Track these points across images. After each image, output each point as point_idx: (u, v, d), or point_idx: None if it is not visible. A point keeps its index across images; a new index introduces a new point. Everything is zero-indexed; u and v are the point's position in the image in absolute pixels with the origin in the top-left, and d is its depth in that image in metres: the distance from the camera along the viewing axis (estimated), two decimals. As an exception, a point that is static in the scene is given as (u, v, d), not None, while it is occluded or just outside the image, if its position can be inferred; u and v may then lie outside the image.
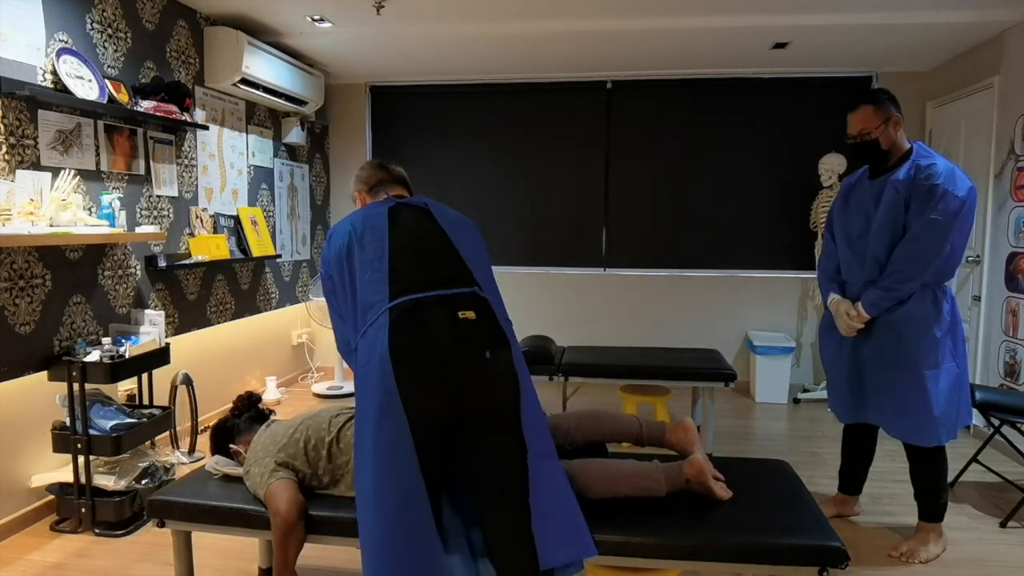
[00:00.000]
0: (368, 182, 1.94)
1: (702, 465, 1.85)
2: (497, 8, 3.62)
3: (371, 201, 1.92)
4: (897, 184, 2.37)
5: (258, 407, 2.26)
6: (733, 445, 3.76)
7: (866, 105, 2.42)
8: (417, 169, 5.36)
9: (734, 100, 4.98)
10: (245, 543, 2.57)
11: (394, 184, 1.95)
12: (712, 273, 5.11)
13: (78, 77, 2.82)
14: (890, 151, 2.43)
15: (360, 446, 1.55)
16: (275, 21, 3.86)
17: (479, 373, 1.52)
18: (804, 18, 3.73)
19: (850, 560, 1.64)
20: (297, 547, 1.81)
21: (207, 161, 3.88)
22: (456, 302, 1.59)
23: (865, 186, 2.53)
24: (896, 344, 2.40)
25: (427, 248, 1.69)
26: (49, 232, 2.53)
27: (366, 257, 1.66)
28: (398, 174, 1.97)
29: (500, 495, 1.51)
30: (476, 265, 1.72)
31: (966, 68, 4.25)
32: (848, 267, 2.57)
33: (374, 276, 1.63)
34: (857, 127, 2.44)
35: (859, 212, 2.53)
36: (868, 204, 2.49)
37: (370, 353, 1.55)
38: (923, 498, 2.49)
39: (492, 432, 1.52)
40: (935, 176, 2.29)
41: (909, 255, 2.33)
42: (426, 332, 1.53)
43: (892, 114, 2.40)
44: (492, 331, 1.59)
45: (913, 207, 2.33)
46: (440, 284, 1.62)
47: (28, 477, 2.72)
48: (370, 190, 1.94)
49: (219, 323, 4.05)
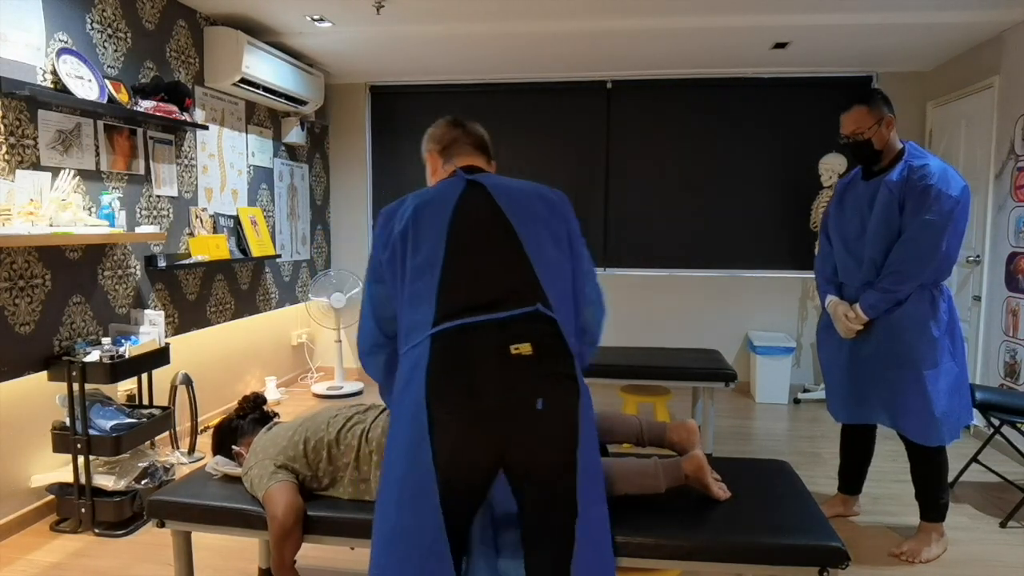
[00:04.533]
0: (441, 141, 1.69)
1: (701, 461, 1.85)
2: (497, 8, 3.62)
3: (443, 167, 1.68)
4: (891, 185, 2.37)
5: (262, 409, 2.25)
6: (733, 445, 3.76)
7: (859, 105, 2.40)
8: (417, 169, 5.36)
9: (734, 100, 4.98)
10: (245, 543, 2.57)
11: (470, 149, 1.67)
12: (712, 273, 5.11)
13: (78, 77, 2.82)
14: (883, 151, 2.43)
15: (387, 478, 1.42)
16: (275, 21, 3.86)
17: (527, 428, 1.34)
18: (804, 18, 3.73)
19: (850, 560, 1.64)
20: (294, 549, 1.81)
21: (207, 161, 3.88)
22: (511, 332, 1.37)
23: (860, 187, 2.52)
24: (895, 345, 2.40)
25: (487, 251, 1.46)
26: (49, 232, 2.53)
27: (419, 260, 1.45)
28: (476, 135, 1.69)
29: (541, 541, 1.40)
30: (547, 265, 1.47)
31: (966, 68, 4.25)
32: (845, 269, 2.57)
33: (423, 287, 1.43)
34: (850, 127, 2.43)
35: (854, 213, 2.52)
36: (863, 205, 2.49)
37: (405, 386, 1.40)
38: (924, 498, 2.50)
39: (538, 484, 1.38)
40: (929, 176, 2.29)
41: (906, 256, 2.33)
42: (470, 372, 1.34)
43: (885, 114, 2.39)
44: (550, 369, 1.38)
45: (908, 208, 2.33)
46: (495, 305, 1.39)
47: (28, 477, 2.72)
48: (443, 150, 1.68)
49: (219, 323, 4.05)
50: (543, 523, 1.39)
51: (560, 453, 1.37)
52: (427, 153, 1.72)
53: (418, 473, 1.34)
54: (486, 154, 1.70)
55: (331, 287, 4.91)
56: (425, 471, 1.33)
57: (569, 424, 1.38)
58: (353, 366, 5.51)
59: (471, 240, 1.46)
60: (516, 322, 1.38)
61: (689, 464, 1.85)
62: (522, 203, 1.52)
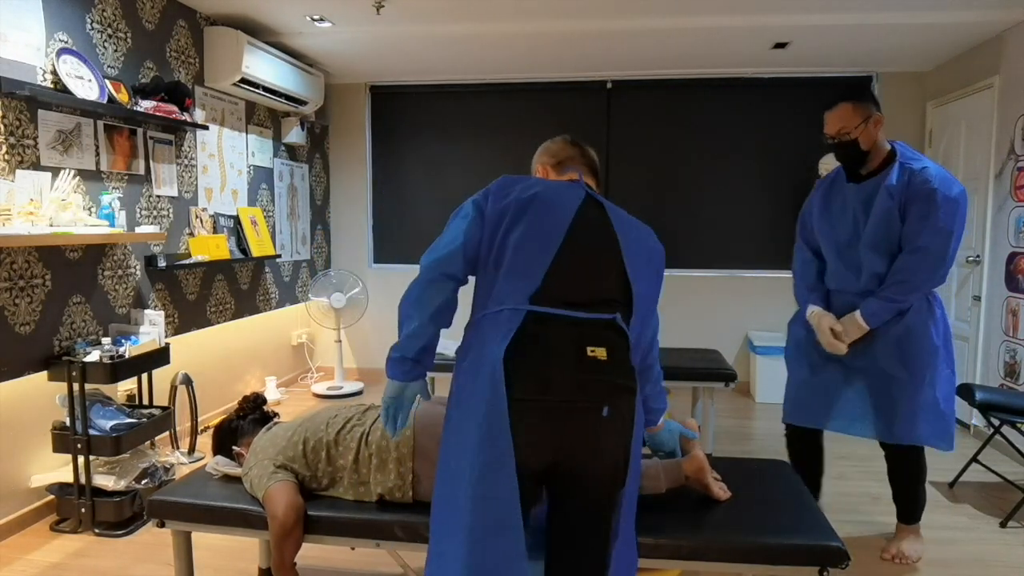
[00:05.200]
0: (557, 156, 1.72)
1: (702, 462, 1.85)
2: (497, 8, 3.62)
3: (556, 177, 1.71)
4: (891, 190, 2.24)
5: (263, 409, 2.25)
6: (733, 445, 3.76)
7: (844, 103, 2.26)
8: (417, 169, 5.36)
9: (734, 100, 4.98)
10: (245, 543, 2.57)
11: (585, 171, 1.71)
12: (712, 273, 5.11)
13: (78, 77, 2.82)
14: (870, 152, 2.29)
15: (450, 449, 1.41)
16: (275, 21, 3.86)
17: (591, 432, 1.36)
18: (804, 18, 3.73)
19: (850, 560, 1.64)
20: (294, 549, 1.81)
21: (207, 161, 3.88)
22: (588, 332, 1.39)
23: (849, 190, 2.38)
24: (898, 354, 2.31)
25: (597, 258, 1.49)
26: (49, 232, 2.53)
27: (531, 236, 1.47)
28: (591, 159, 1.74)
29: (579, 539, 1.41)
30: (639, 293, 1.52)
31: (966, 68, 4.25)
32: (838, 277, 2.43)
33: (528, 263, 1.45)
34: (835, 126, 2.28)
35: (844, 218, 2.38)
36: (855, 210, 2.35)
37: (482, 346, 1.40)
38: (909, 501, 2.46)
39: (585, 490, 1.39)
40: (931, 180, 2.20)
41: (916, 266, 2.22)
42: (546, 363, 1.36)
43: (873, 112, 2.25)
44: (619, 377, 1.39)
45: (912, 214, 2.22)
46: (584, 306, 1.43)
47: (28, 477, 2.72)
48: (556, 165, 1.72)
49: (219, 323, 4.05)
50: (583, 526, 1.40)
51: (613, 464, 1.39)
52: (539, 166, 1.74)
53: (497, 445, 1.33)
54: (596, 178, 1.74)
55: (331, 287, 4.91)
56: (504, 443, 1.32)
57: (626, 436, 1.40)
58: (353, 366, 5.52)
59: (587, 242, 1.50)
60: (594, 325, 1.41)
61: (690, 465, 1.85)
62: (632, 234, 1.57)
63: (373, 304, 5.39)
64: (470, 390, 1.39)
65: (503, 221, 1.49)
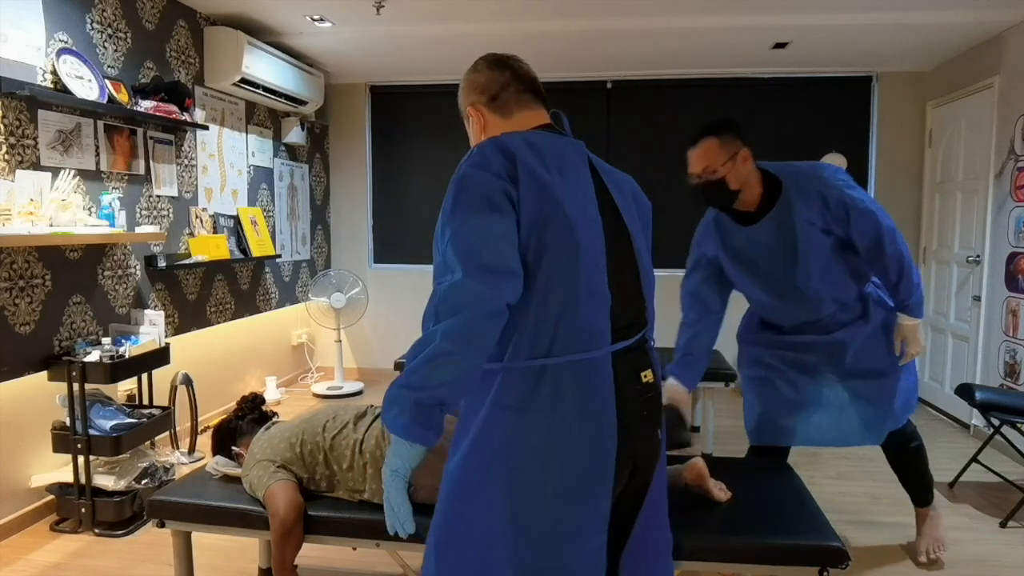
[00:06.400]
0: (487, 89, 1.36)
1: (702, 469, 1.86)
2: (497, 8, 3.62)
3: (498, 120, 1.36)
4: (813, 221, 2.02)
5: (261, 409, 2.25)
6: (733, 445, 3.76)
7: (709, 138, 2.03)
8: (417, 169, 5.36)
9: (734, 100, 4.98)
10: (245, 543, 2.57)
11: (531, 96, 1.37)
12: (712, 273, 5.10)
13: (78, 77, 2.82)
14: (741, 190, 2.05)
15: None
16: (275, 21, 3.86)
17: (652, 457, 1.30)
18: (804, 18, 3.73)
19: (850, 560, 1.64)
20: (295, 548, 1.81)
21: (207, 161, 3.88)
22: (638, 356, 1.26)
23: (751, 234, 2.11)
24: (880, 352, 2.20)
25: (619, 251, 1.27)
26: (49, 232, 2.53)
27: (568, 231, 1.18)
28: (530, 75, 1.39)
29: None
30: (647, 279, 1.33)
31: (966, 68, 4.25)
32: (787, 314, 2.23)
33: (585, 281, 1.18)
34: (699, 164, 2.04)
35: (767, 261, 2.12)
36: (772, 251, 2.09)
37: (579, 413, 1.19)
38: (919, 483, 2.43)
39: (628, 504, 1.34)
40: (831, 189, 2.01)
41: (895, 252, 2.03)
42: (620, 397, 1.22)
43: (739, 148, 2.03)
44: (660, 396, 1.31)
45: (842, 228, 2.04)
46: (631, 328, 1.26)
47: (28, 477, 2.72)
48: (492, 100, 1.35)
49: (219, 323, 4.05)
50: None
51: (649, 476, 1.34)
52: (470, 109, 1.39)
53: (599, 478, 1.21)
54: (544, 101, 1.39)
55: (331, 287, 4.91)
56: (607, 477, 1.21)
57: (661, 450, 1.36)
58: (353, 366, 5.52)
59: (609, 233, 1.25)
60: (639, 347, 1.28)
61: (690, 472, 1.86)
62: (628, 202, 1.34)
63: (373, 304, 5.39)
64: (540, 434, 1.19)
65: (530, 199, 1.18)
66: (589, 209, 1.23)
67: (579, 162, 1.28)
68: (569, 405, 1.18)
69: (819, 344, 2.23)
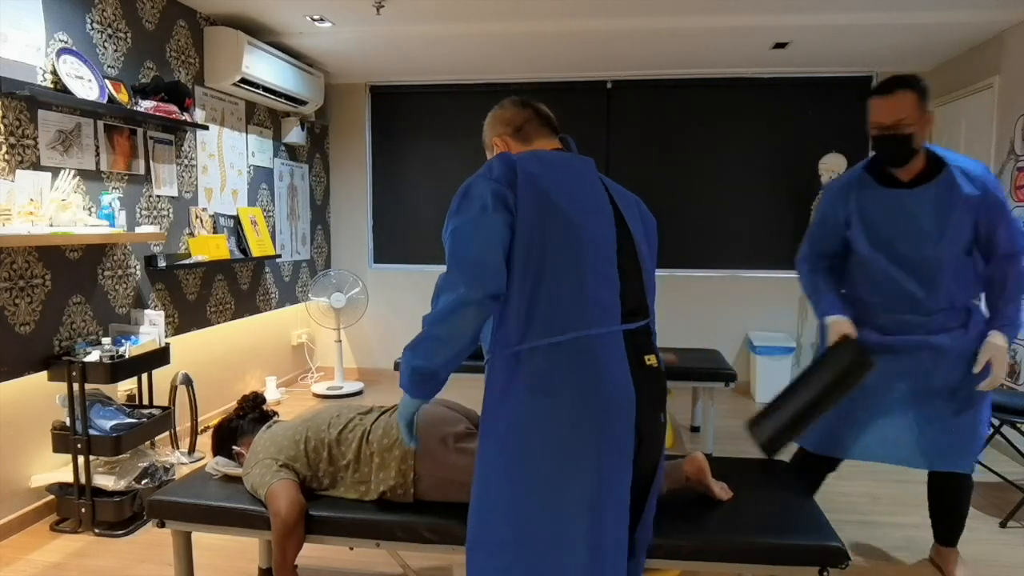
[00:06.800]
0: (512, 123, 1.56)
1: (702, 463, 1.85)
2: (497, 8, 3.62)
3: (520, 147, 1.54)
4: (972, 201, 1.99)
5: (262, 408, 2.26)
6: (733, 445, 3.76)
7: (908, 91, 1.93)
8: (417, 169, 5.36)
9: (734, 100, 4.98)
10: (245, 543, 2.57)
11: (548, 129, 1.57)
12: (712, 273, 5.11)
13: (78, 77, 2.82)
14: (917, 152, 2.00)
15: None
16: (275, 21, 3.86)
17: (656, 442, 1.39)
18: (804, 18, 3.73)
19: (850, 560, 1.64)
20: (296, 547, 1.81)
21: (207, 161, 3.88)
22: (640, 342, 1.37)
23: (902, 197, 2.05)
24: (969, 374, 2.08)
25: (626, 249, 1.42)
26: (49, 232, 2.53)
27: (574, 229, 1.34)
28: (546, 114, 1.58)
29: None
30: (649, 277, 1.47)
31: (966, 68, 4.25)
32: (895, 296, 2.11)
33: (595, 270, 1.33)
34: (894, 115, 1.94)
35: (907, 229, 2.05)
36: (919, 220, 2.03)
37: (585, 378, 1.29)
38: (953, 523, 2.28)
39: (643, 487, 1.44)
40: (994, 188, 2.01)
41: (1018, 271, 2.01)
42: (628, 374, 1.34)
43: (929, 111, 1.98)
44: (664, 381, 1.42)
45: (986, 226, 2.02)
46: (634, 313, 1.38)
47: (28, 477, 2.72)
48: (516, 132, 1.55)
49: (219, 323, 4.05)
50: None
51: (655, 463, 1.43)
52: (495, 139, 1.56)
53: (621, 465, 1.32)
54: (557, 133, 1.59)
55: (331, 287, 4.91)
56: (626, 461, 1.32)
57: (663, 434, 1.44)
58: (353, 366, 5.52)
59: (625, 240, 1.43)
60: (642, 333, 1.39)
61: (690, 465, 1.85)
62: (633, 212, 1.49)
63: (373, 304, 5.39)
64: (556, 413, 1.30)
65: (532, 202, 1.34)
66: (600, 204, 1.40)
67: (585, 169, 1.45)
68: (590, 378, 1.29)
69: (918, 346, 2.10)
